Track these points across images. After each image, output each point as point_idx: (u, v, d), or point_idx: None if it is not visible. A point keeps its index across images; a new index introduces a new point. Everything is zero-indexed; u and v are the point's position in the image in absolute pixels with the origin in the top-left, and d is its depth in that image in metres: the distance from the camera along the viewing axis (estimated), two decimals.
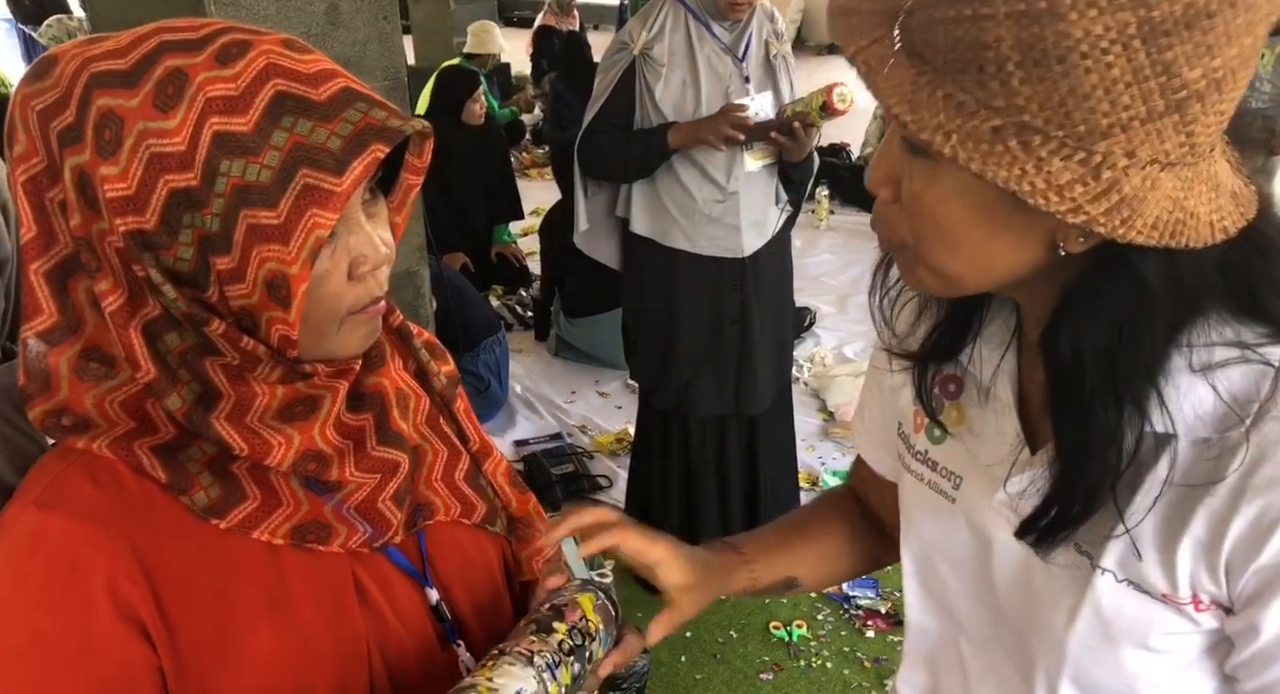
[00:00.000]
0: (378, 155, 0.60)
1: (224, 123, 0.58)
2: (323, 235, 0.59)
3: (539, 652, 0.68)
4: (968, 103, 0.54)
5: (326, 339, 0.67)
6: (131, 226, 0.59)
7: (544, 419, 3.65)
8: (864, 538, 0.98)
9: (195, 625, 0.65)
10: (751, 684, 2.36)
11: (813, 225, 5.94)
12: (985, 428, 0.75)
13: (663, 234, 2.34)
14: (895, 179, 0.63)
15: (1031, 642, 0.74)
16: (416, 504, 0.76)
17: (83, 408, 0.65)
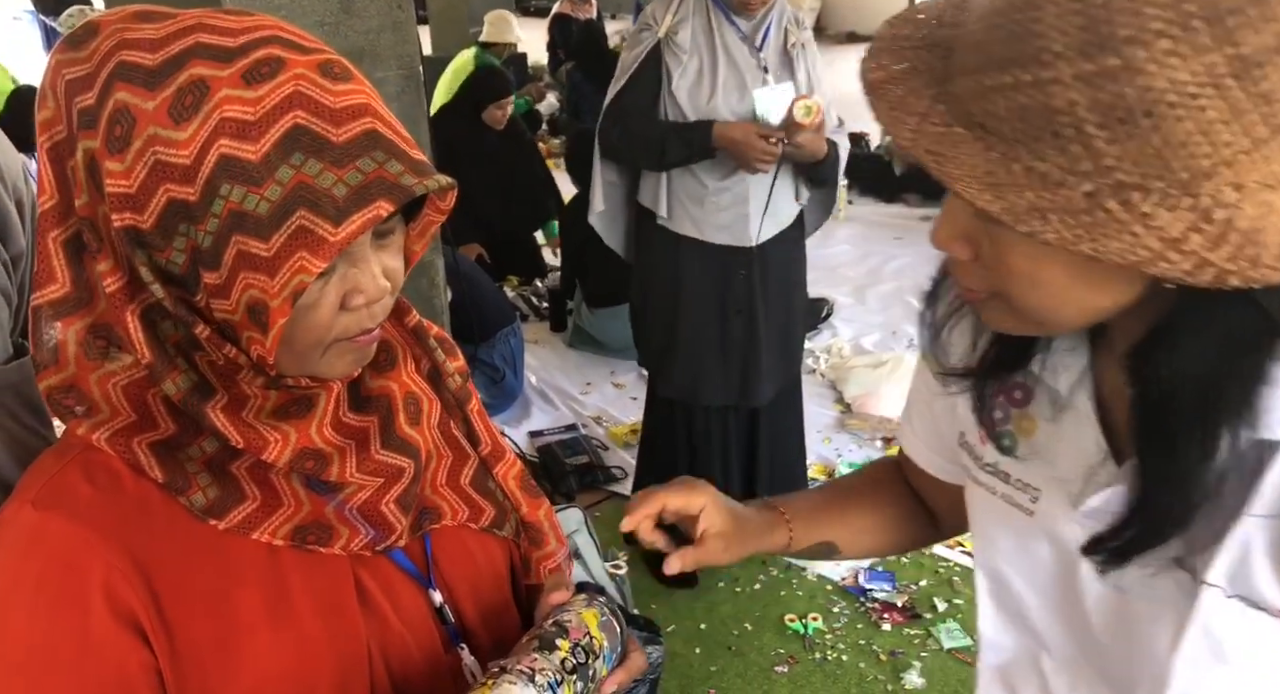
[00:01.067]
0: (380, 213, 0.58)
1: (233, 147, 0.57)
2: (307, 280, 0.58)
3: (541, 670, 0.66)
4: (1051, 172, 0.50)
5: (309, 362, 0.65)
6: (128, 223, 0.59)
7: (559, 410, 3.65)
8: (911, 518, 0.96)
9: (194, 627, 0.64)
10: (766, 677, 2.35)
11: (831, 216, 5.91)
12: (1061, 438, 0.72)
13: (673, 220, 2.34)
14: (969, 238, 0.60)
15: (1130, 662, 0.71)
16: (423, 507, 0.75)
17: (88, 388, 0.64)
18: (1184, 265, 0.49)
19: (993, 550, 0.80)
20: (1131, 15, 0.46)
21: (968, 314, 0.77)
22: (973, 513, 0.82)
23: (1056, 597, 0.76)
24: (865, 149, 6.59)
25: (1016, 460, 0.75)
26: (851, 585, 2.65)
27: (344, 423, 0.69)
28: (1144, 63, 0.46)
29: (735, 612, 2.57)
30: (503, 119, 4.24)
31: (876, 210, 6.08)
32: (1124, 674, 0.72)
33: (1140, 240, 0.49)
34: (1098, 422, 0.69)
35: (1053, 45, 0.48)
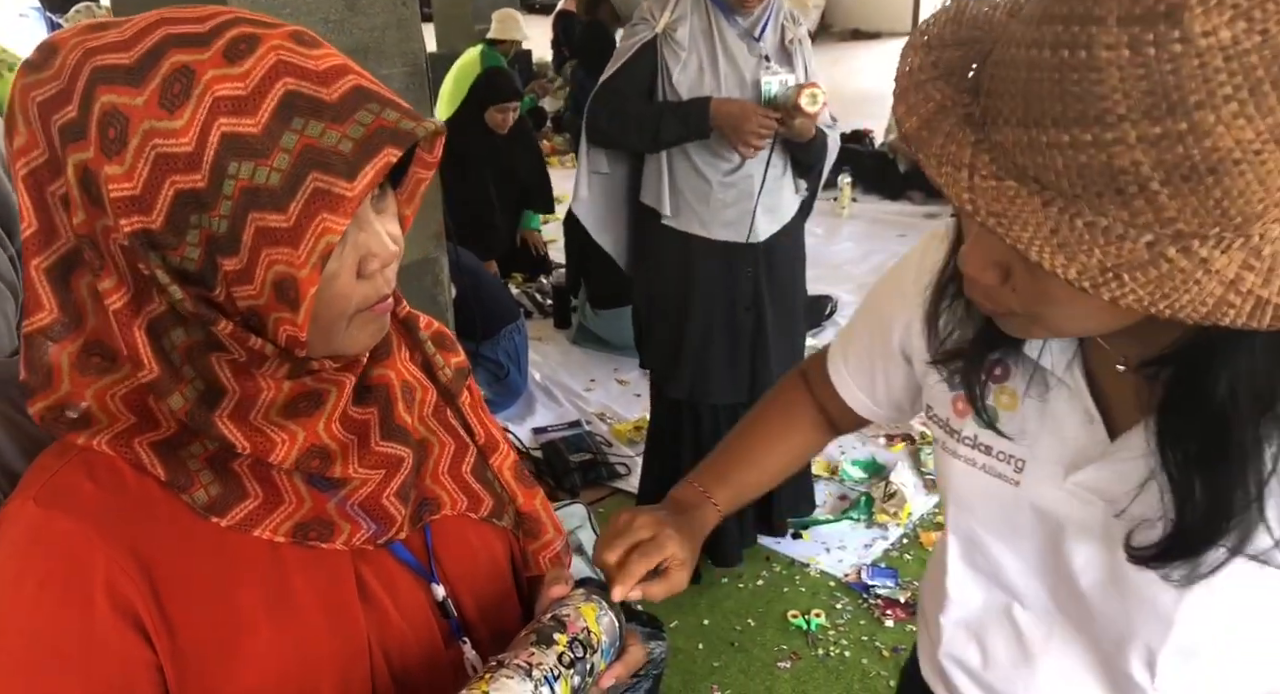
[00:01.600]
0: (390, 159, 0.58)
1: (233, 124, 0.56)
2: (333, 240, 0.58)
3: (538, 664, 0.66)
4: (1114, 227, 0.51)
5: (335, 337, 0.66)
6: (137, 226, 0.58)
7: (563, 407, 3.65)
8: (813, 434, 1.05)
9: (195, 624, 0.64)
10: (769, 673, 2.36)
11: (834, 213, 5.90)
12: (1047, 412, 0.76)
13: (679, 218, 2.34)
14: (1000, 265, 0.61)
15: (1124, 619, 0.74)
16: (422, 498, 0.75)
17: (84, 401, 0.64)
18: (1246, 308, 0.51)
19: (969, 518, 0.83)
20: (1201, 81, 0.46)
21: (965, 311, 0.78)
22: (947, 483, 0.85)
23: (1038, 560, 0.79)
24: (869, 146, 6.58)
25: (999, 433, 0.78)
26: (854, 582, 2.65)
27: (349, 416, 0.70)
28: (1212, 125, 0.47)
29: (738, 608, 2.58)
30: (504, 123, 4.18)
31: (880, 208, 6.07)
32: (1115, 629, 0.75)
33: (1204, 288, 0.50)
34: (1090, 397, 0.72)
35: (1117, 108, 0.48)
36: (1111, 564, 0.73)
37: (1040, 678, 0.84)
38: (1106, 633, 0.77)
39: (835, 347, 1.01)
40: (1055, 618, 0.81)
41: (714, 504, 0.94)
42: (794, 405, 1.05)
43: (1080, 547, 0.75)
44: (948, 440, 0.84)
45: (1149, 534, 0.68)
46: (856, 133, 6.56)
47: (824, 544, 2.82)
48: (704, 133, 2.19)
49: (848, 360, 0.98)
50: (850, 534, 2.86)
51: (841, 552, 2.78)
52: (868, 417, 1.00)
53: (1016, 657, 0.85)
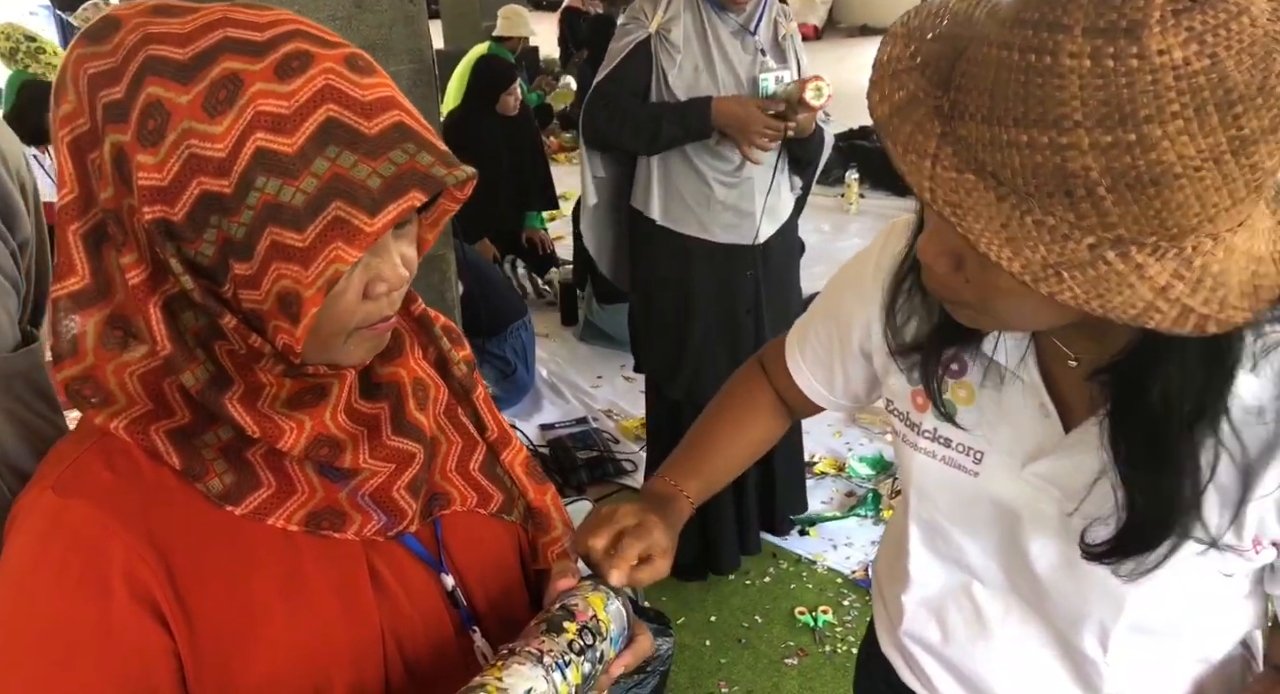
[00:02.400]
0: (414, 203, 0.59)
1: (269, 140, 0.57)
2: (342, 269, 0.59)
3: (549, 651, 0.67)
4: (1059, 226, 0.54)
5: (331, 350, 0.67)
6: (159, 215, 0.59)
7: (570, 403, 3.66)
8: (772, 423, 1.07)
9: (212, 611, 0.65)
10: (777, 669, 2.36)
11: (841, 210, 5.89)
12: (1003, 406, 0.79)
13: (677, 221, 2.31)
14: (954, 254, 0.64)
15: (1078, 599, 0.78)
16: (433, 493, 0.76)
17: (104, 378, 0.65)
18: (1171, 314, 0.54)
19: (930, 507, 0.87)
20: (1152, 96, 0.49)
21: (921, 299, 0.81)
22: (908, 474, 0.88)
23: (996, 546, 0.83)
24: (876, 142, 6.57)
25: (957, 426, 0.81)
26: (862, 578, 2.65)
27: (356, 410, 0.70)
28: (1159, 139, 0.50)
29: (745, 604, 2.58)
30: (514, 105, 4.25)
31: (888, 203, 6.06)
32: (1070, 609, 0.79)
33: (1136, 292, 0.54)
34: (1046, 391, 0.76)
35: (1074, 114, 0.51)
36: (1066, 551, 0.76)
37: (997, 652, 0.87)
38: (1060, 612, 0.80)
39: (793, 337, 1.03)
40: (1012, 597, 0.85)
41: (686, 496, 0.96)
42: (754, 394, 1.07)
43: (1036, 534, 0.78)
44: (908, 433, 0.87)
45: (1102, 531, 0.71)
46: (864, 128, 6.54)
47: (831, 541, 2.82)
48: (705, 133, 2.16)
49: (805, 352, 1.00)
50: (857, 531, 2.86)
51: (849, 548, 2.78)
52: (825, 406, 1.03)
53: (975, 632, 0.88)
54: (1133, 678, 0.81)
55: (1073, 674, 0.84)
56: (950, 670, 0.92)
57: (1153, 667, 0.80)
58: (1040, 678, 0.85)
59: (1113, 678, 0.81)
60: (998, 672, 0.88)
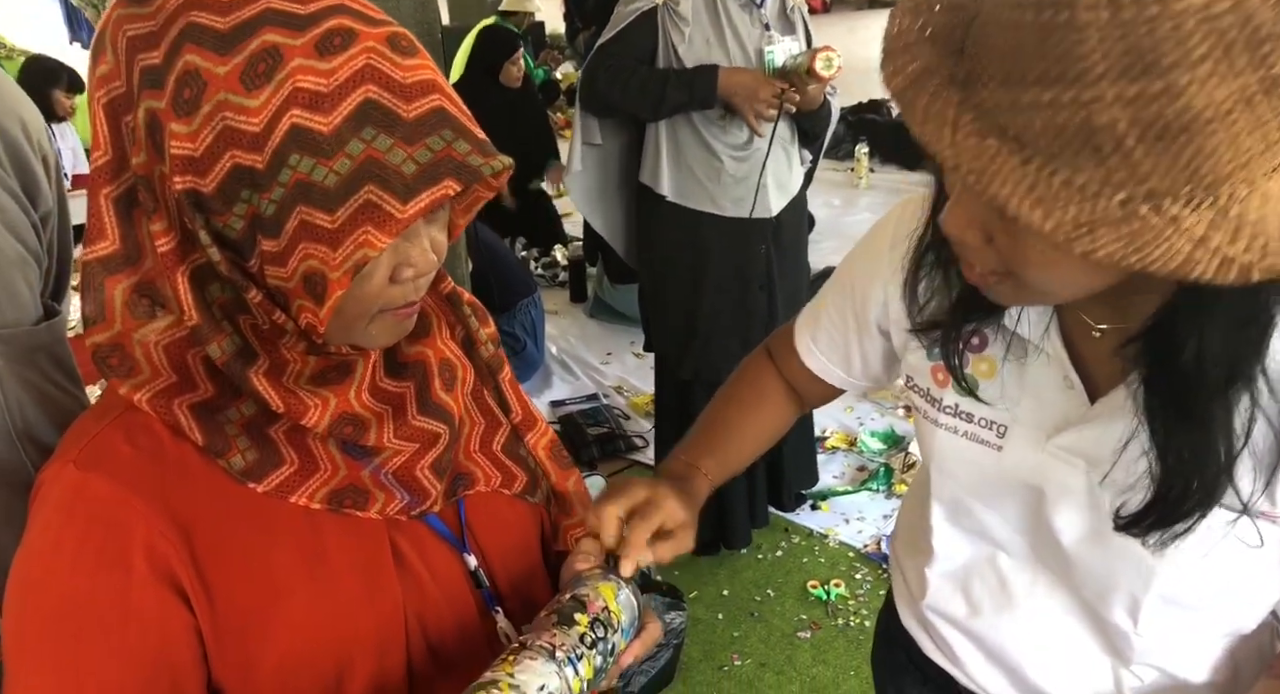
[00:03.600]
0: (448, 192, 0.58)
1: (305, 118, 0.56)
2: (371, 254, 0.58)
3: (560, 645, 0.66)
4: (1089, 184, 0.52)
5: (354, 332, 0.66)
6: (189, 186, 0.59)
7: (580, 380, 3.66)
8: (783, 411, 1.06)
9: (233, 589, 0.65)
10: (790, 642, 2.37)
11: (851, 184, 5.85)
12: (1026, 379, 0.78)
13: (687, 197, 2.29)
14: (982, 224, 0.63)
15: (1106, 571, 0.77)
16: (457, 473, 0.76)
17: (130, 347, 0.64)
18: (1212, 265, 0.52)
19: (953, 483, 0.86)
20: (1175, 43, 0.48)
21: (942, 275, 0.80)
22: (929, 451, 0.87)
23: (1021, 520, 0.82)
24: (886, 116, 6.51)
25: (980, 401, 0.80)
26: (874, 552, 2.65)
27: (380, 388, 0.70)
28: (1186, 86, 0.48)
29: (758, 578, 2.59)
30: (518, 75, 4.21)
31: (898, 178, 6.02)
32: (1098, 581, 0.79)
33: (1173, 245, 0.52)
34: (1070, 363, 0.74)
35: (1096, 68, 0.49)
36: (1094, 523, 0.76)
37: (1024, 624, 0.87)
38: (1089, 584, 0.80)
39: (803, 322, 1.01)
40: (1039, 567, 0.84)
41: (704, 473, 0.95)
42: (763, 382, 1.06)
43: (1062, 507, 0.77)
44: (929, 410, 0.86)
45: (1135, 501, 0.70)
46: (873, 102, 6.49)
47: (843, 515, 2.82)
48: (709, 102, 2.14)
49: (818, 336, 0.99)
50: (869, 505, 2.86)
51: (861, 522, 2.79)
52: (843, 388, 1.02)
53: (1000, 604, 0.88)
54: (1163, 648, 0.80)
55: (1102, 645, 0.83)
56: (975, 643, 0.92)
57: (1184, 637, 0.80)
58: (1069, 649, 0.85)
59: (1143, 649, 0.80)
60: (1024, 643, 0.87)
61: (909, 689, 1.04)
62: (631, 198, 2.44)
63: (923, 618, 0.96)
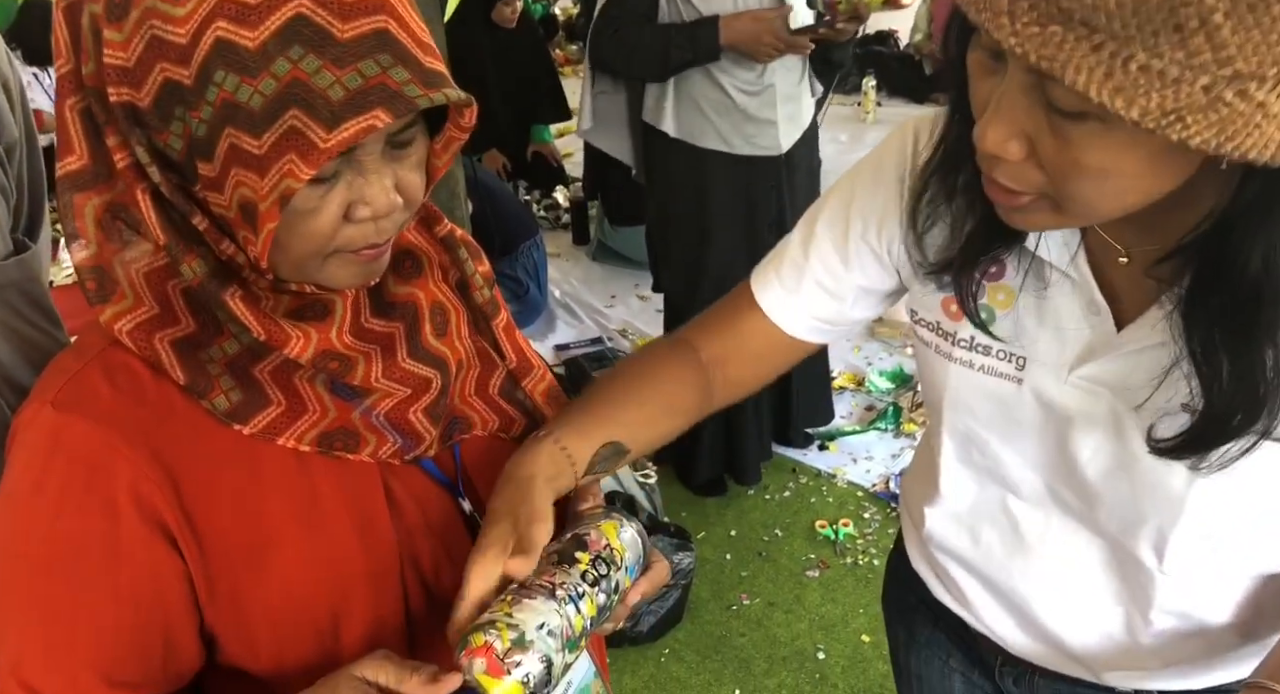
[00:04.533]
0: (375, 124, 0.53)
1: (230, 31, 0.52)
2: (294, 186, 0.54)
3: (561, 584, 0.65)
4: (1169, 69, 0.48)
5: (308, 270, 0.62)
6: (125, 99, 0.55)
7: (584, 323, 3.64)
8: (688, 395, 0.88)
9: (223, 533, 0.62)
10: (798, 581, 2.38)
11: (858, 119, 5.74)
12: (1046, 308, 0.74)
13: (695, 135, 2.24)
14: (1024, 136, 0.58)
15: (1133, 504, 0.74)
16: (453, 418, 0.73)
17: (111, 269, 0.61)
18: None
19: (968, 418, 0.82)
20: None
21: (944, 213, 0.75)
22: (941, 386, 0.83)
23: (1039, 453, 0.79)
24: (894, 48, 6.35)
25: (997, 331, 0.76)
26: (882, 491, 2.65)
27: (366, 328, 0.67)
28: None
29: (765, 518, 2.59)
30: (513, 16, 4.09)
31: (906, 112, 5.89)
32: (1123, 516, 0.76)
33: (1264, 132, 0.48)
34: (1097, 288, 0.71)
35: None
36: (1120, 453, 0.73)
37: (1036, 567, 0.84)
38: (1114, 519, 0.77)
39: (768, 278, 0.89)
40: (1053, 508, 0.81)
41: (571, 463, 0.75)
42: (664, 360, 0.89)
43: (1087, 438, 0.74)
44: (941, 344, 0.81)
45: (1172, 424, 0.67)
46: (881, 34, 6.32)
47: (851, 455, 2.81)
48: (714, 55, 2.09)
49: (800, 284, 0.87)
50: (877, 444, 2.85)
51: (869, 462, 2.78)
52: (807, 337, 0.89)
53: (1012, 547, 0.85)
54: (1187, 589, 0.78)
55: (1122, 587, 0.81)
56: (985, 585, 0.90)
57: (1208, 576, 0.77)
58: (1084, 594, 0.83)
59: (1166, 590, 0.78)
60: (1036, 587, 0.85)
61: (919, 629, 1.02)
62: (642, 133, 2.39)
63: (932, 559, 0.94)
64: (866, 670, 2.12)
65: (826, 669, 2.13)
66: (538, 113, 4.45)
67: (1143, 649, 0.82)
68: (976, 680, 0.98)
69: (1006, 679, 0.94)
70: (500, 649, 0.59)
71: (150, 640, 0.62)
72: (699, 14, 2.10)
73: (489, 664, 0.59)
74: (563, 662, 0.63)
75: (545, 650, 0.61)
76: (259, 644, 0.65)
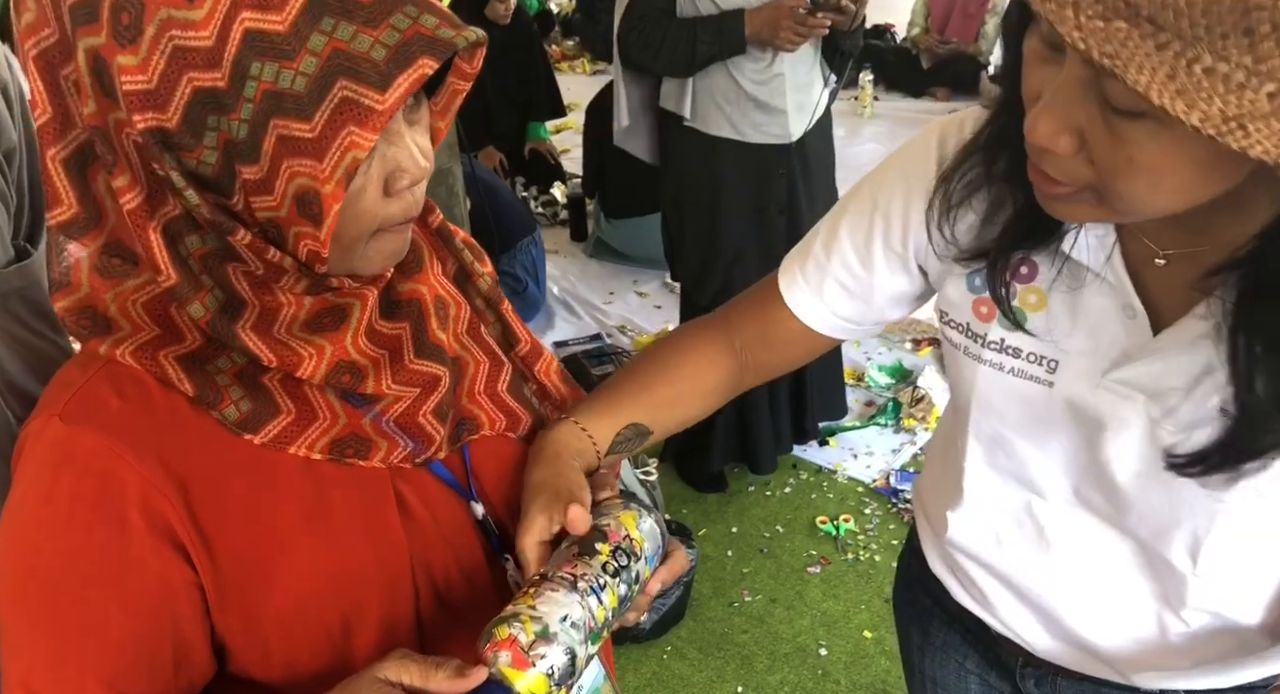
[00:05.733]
0: (425, 71, 0.53)
1: (257, 19, 0.52)
2: (360, 156, 0.53)
3: (582, 575, 0.64)
4: (1234, 73, 0.46)
5: (354, 255, 0.62)
6: (151, 124, 0.54)
7: (583, 320, 3.63)
8: (718, 376, 0.90)
9: (234, 543, 0.62)
10: (799, 578, 2.37)
11: (856, 113, 5.72)
12: (1079, 310, 0.73)
13: (706, 122, 2.25)
14: (1076, 130, 0.56)
15: (1174, 505, 0.73)
16: (460, 418, 0.73)
17: (105, 307, 0.61)
18: None
19: (996, 421, 0.81)
20: None
21: (979, 197, 0.74)
22: (970, 387, 0.82)
23: (1068, 457, 0.78)
24: (891, 42, 6.34)
25: (1028, 334, 0.75)
26: (883, 487, 2.64)
27: (377, 331, 0.66)
28: None
29: (766, 515, 2.59)
30: (506, 13, 4.06)
31: (903, 106, 5.88)
32: (1156, 520, 0.74)
33: None
34: (1134, 291, 0.69)
35: None
36: (1153, 456, 0.72)
37: (1062, 567, 0.83)
38: (1146, 525, 0.76)
39: (794, 270, 0.89)
40: (1081, 512, 0.80)
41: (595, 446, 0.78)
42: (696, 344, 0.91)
43: (1120, 443, 0.73)
44: (970, 346, 0.80)
45: (1195, 438, 0.66)
46: (878, 27, 6.31)
47: (851, 450, 2.81)
48: (740, 48, 2.11)
49: (824, 281, 0.86)
50: (878, 439, 2.85)
51: (869, 457, 2.77)
52: (833, 335, 0.90)
53: (1037, 550, 0.84)
54: (1219, 591, 0.77)
55: (1152, 589, 0.79)
56: (1010, 588, 0.88)
57: (1241, 577, 0.76)
58: (1112, 595, 0.81)
59: (1198, 591, 0.76)
60: (1062, 589, 0.84)
61: (934, 632, 1.01)
62: (654, 122, 2.41)
63: (952, 562, 0.93)
64: (869, 666, 2.12)
65: (829, 665, 2.13)
66: (534, 110, 4.44)
67: (1173, 649, 0.81)
68: (994, 683, 0.97)
69: (1028, 681, 0.93)
70: (525, 642, 0.59)
71: (160, 651, 0.61)
72: (716, 8, 2.11)
73: (514, 657, 0.59)
74: (586, 654, 0.63)
75: (569, 642, 0.61)
76: (271, 652, 0.65)
